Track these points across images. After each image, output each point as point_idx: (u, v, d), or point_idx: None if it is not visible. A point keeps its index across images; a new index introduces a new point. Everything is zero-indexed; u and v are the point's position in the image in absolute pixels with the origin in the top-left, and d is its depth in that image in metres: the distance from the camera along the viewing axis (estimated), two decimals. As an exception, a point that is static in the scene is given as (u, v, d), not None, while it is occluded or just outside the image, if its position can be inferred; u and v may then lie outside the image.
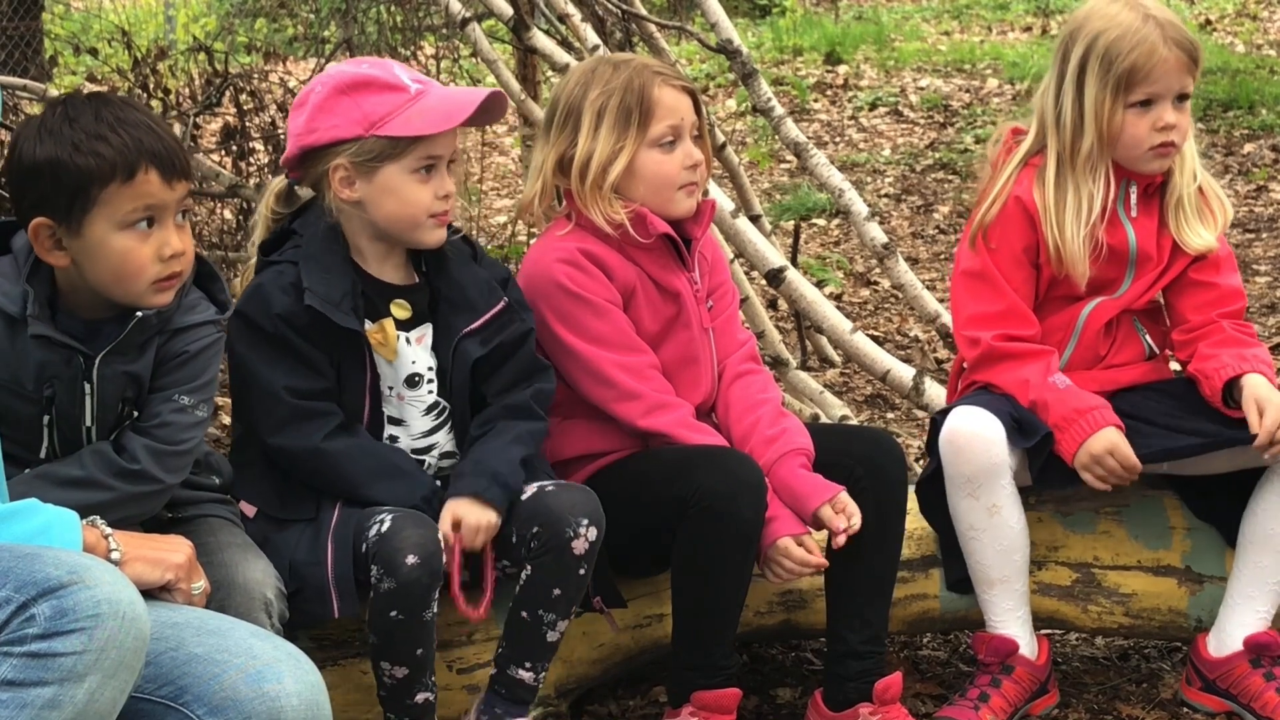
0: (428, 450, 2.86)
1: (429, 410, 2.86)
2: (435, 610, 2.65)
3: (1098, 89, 3.01)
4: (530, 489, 2.77)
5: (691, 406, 2.99)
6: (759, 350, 3.28)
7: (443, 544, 2.64)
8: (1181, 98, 3.04)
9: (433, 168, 2.76)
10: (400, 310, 2.82)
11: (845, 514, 2.89)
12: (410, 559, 2.57)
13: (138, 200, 2.40)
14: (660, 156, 2.96)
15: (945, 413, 3.07)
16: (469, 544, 2.70)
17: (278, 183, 2.89)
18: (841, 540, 2.86)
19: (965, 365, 3.19)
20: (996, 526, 3.04)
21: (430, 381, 2.84)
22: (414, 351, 2.82)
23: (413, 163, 2.74)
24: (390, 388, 2.82)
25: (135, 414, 2.55)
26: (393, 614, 2.60)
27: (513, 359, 2.86)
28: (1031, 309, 3.11)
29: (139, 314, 2.47)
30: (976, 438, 2.99)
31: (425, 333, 2.84)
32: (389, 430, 2.83)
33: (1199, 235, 3.10)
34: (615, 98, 2.93)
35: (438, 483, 2.82)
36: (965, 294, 3.15)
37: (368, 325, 2.78)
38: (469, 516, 2.70)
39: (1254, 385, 2.98)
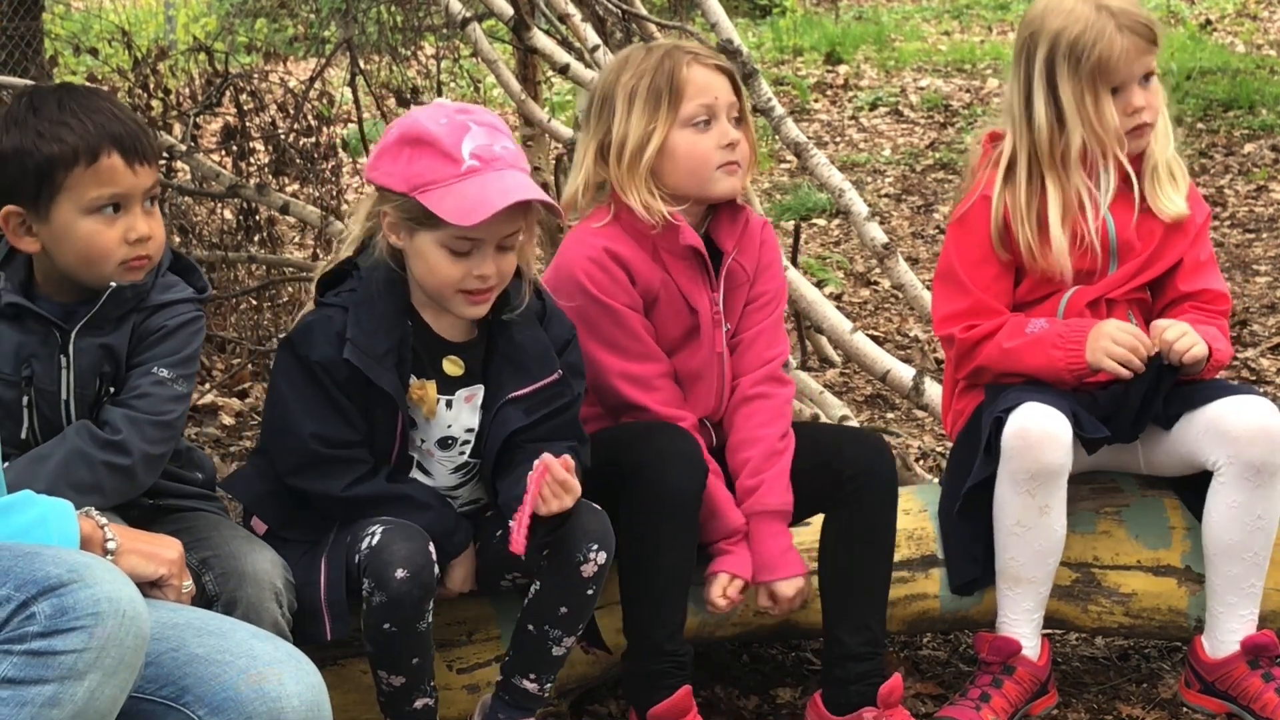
0: (453, 499, 2.83)
1: (457, 469, 2.82)
2: (430, 621, 2.63)
3: (1073, 85, 3.04)
4: None
5: (695, 419, 2.99)
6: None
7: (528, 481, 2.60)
8: (1147, 76, 3.08)
9: (471, 251, 2.62)
10: (453, 367, 2.75)
11: (776, 601, 2.95)
12: (400, 573, 2.56)
13: (102, 186, 2.46)
14: (694, 136, 2.93)
15: (1007, 411, 3.02)
16: (556, 476, 2.60)
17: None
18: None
19: (957, 372, 3.22)
20: (1043, 527, 3.04)
21: (465, 444, 2.79)
22: (455, 414, 2.76)
23: (445, 239, 2.61)
24: (422, 441, 2.77)
25: (112, 390, 2.57)
26: (386, 626, 2.59)
27: (552, 423, 2.77)
28: (1006, 306, 3.15)
29: (113, 284, 2.51)
30: (1047, 436, 2.97)
31: (476, 392, 2.77)
32: (415, 474, 2.80)
33: (1172, 201, 3.14)
34: (645, 79, 2.92)
35: (463, 517, 2.79)
36: (937, 297, 3.22)
37: (412, 380, 2.71)
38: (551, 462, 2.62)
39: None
